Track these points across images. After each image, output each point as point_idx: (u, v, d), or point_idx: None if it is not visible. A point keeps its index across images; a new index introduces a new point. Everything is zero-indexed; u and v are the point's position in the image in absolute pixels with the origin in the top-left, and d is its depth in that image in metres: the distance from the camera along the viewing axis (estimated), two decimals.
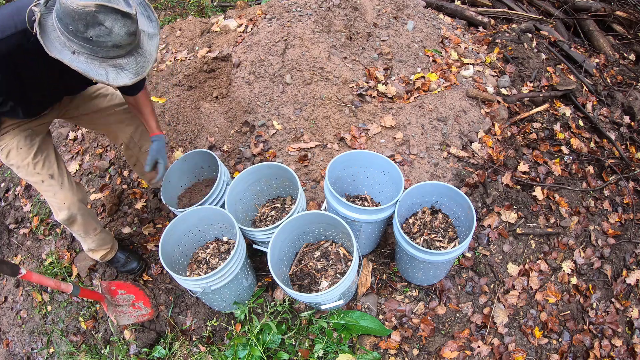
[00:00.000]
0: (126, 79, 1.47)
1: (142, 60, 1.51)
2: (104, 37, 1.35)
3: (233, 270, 1.95)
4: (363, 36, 3.26)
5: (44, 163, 1.93)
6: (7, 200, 3.24)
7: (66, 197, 1.97)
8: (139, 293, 2.38)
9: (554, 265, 2.43)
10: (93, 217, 2.20)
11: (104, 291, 2.26)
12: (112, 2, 1.31)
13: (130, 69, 1.47)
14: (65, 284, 2.01)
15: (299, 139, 2.79)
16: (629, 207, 2.76)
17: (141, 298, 2.37)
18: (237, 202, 2.24)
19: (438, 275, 2.27)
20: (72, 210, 2.01)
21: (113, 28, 1.34)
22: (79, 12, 1.28)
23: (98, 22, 1.31)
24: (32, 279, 1.89)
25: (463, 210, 2.12)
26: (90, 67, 1.40)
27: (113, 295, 2.30)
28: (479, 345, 2.17)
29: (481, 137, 2.94)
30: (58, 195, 1.96)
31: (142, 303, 2.36)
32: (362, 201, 2.46)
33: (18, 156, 1.87)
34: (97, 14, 1.29)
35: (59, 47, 1.38)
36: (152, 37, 1.56)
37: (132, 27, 1.38)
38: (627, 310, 2.33)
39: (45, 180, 1.92)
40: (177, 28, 3.82)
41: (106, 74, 1.43)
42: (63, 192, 1.96)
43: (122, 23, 1.35)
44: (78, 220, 2.07)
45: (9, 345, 2.63)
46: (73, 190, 2.00)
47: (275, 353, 2.09)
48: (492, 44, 3.72)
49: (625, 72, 3.78)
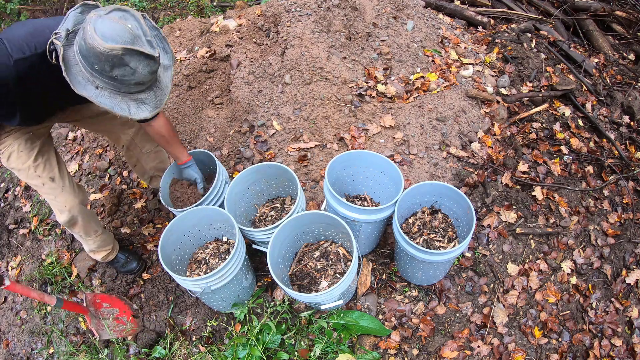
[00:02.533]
0: (146, 112, 1.54)
1: (160, 94, 1.58)
2: (129, 77, 1.41)
3: (232, 270, 1.95)
4: (362, 36, 3.26)
5: (45, 166, 1.92)
6: (6, 201, 3.24)
7: (67, 200, 1.97)
8: (124, 307, 2.38)
9: (553, 265, 2.43)
10: (94, 219, 2.20)
11: (88, 303, 2.25)
12: (137, 45, 1.37)
13: (150, 103, 1.55)
14: (49, 296, 1.99)
15: (299, 139, 2.79)
16: (628, 207, 2.76)
17: (125, 313, 2.36)
18: (236, 202, 2.24)
19: (438, 275, 2.27)
20: (73, 212, 2.01)
21: (137, 68, 1.40)
22: (106, 54, 1.33)
23: (124, 64, 1.37)
24: (16, 290, 1.87)
25: (463, 210, 2.12)
26: (113, 102, 1.47)
27: (97, 308, 2.29)
28: (479, 345, 2.17)
29: (481, 137, 2.94)
30: (59, 198, 1.96)
31: (126, 318, 2.35)
32: (362, 201, 2.46)
33: (19, 159, 1.86)
34: (123, 57, 1.35)
35: (83, 82, 1.43)
36: (168, 68, 1.63)
37: (155, 66, 1.46)
38: (627, 310, 2.33)
39: (46, 183, 1.92)
40: (177, 28, 3.82)
41: (128, 108, 1.50)
42: (64, 195, 1.96)
43: (145, 63, 1.41)
44: (79, 222, 2.08)
45: (8, 346, 2.63)
46: (74, 192, 2.00)
47: (275, 353, 2.09)
48: (492, 43, 3.72)
49: (625, 72, 3.78)
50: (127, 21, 1.39)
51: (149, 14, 4.74)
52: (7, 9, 4.70)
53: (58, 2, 5.16)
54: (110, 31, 1.34)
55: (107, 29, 1.34)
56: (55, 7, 5.13)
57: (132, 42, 1.36)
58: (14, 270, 2.84)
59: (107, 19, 1.35)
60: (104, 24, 1.34)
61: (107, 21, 1.35)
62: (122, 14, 1.41)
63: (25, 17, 5.00)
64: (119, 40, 1.34)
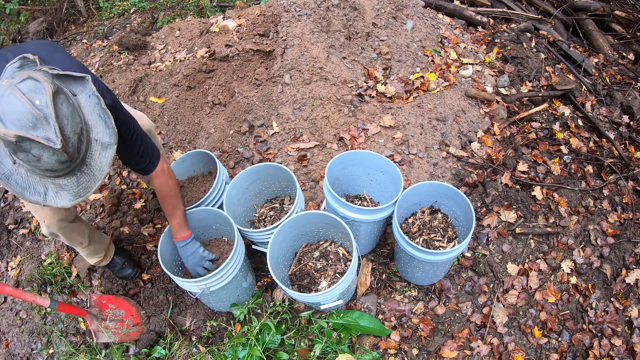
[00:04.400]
0: (65, 201, 1.33)
1: (85, 180, 1.35)
2: (34, 162, 1.23)
3: (232, 271, 1.95)
4: (362, 36, 3.26)
5: None
6: (6, 201, 3.24)
7: (45, 215, 1.92)
8: (131, 310, 2.35)
9: (553, 265, 2.43)
10: (79, 233, 2.12)
11: (92, 304, 2.23)
12: (35, 131, 1.16)
13: (70, 190, 1.34)
14: (42, 298, 1.94)
15: (298, 139, 2.79)
16: (628, 207, 2.76)
17: (132, 315, 2.34)
18: (235, 202, 2.24)
19: (437, 275, 2.27)
20: (51, 229, 1.97)
21: (41, 156, 1.20)
22: (3, 138, 1.17)
23: (23, 150, 1.19)
24: (6, 292, 1.84)
25: (462, 210, 2.12)
26: (29, 182, 1.29)
27: (102, 309, 2.26)
28: (479, 344, 2.17)
29: (480, 137, 2.94)
30: (38, 213, 1.92)
31: (132, 321, 2.32)
32: (362, 201, 2.46)
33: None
34: (19, 143, 1.17)
35: (2, 154, 1.26)
36: (107, 147, 1.37)
37: (63, 156, 1.23)
38: (627, 309, 2.33)
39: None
40: (176, 28, 3.82)
41: (45, 193, 1.31)
42: (43, 211, 1.91)
43: (50, 152, 1.20)
44: (60, 236, 2.04)
45: (8, 346, 2.63)
46: (54, 209, 1.91)
47: (274, 353, 2.09)
48: (491, 43, 3.72)
49: (624, 72, 3.78)
50: (35, 96, 1.17)
51: (148, 13, 4.74)
52: (6, 9, 4.70)
53: (58, 2, 5.16)
54: (10, 111, 1.15)
55: (8, 107, 1.15)
56: (54, 7, 5.12)
57: (33, 126, 1.16)
58: (14, 271, 2.84)
59: (13, 92, 1.16)
60: (7, 100, 1.16)
61: (11, 96, 1.16)
62: (34, 86, 1.18)
63: (25, 18, 5.00)
64: (17, 123, 1.15)
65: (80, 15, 5.27)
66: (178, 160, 2.38)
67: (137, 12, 4.89)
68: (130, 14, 4.94)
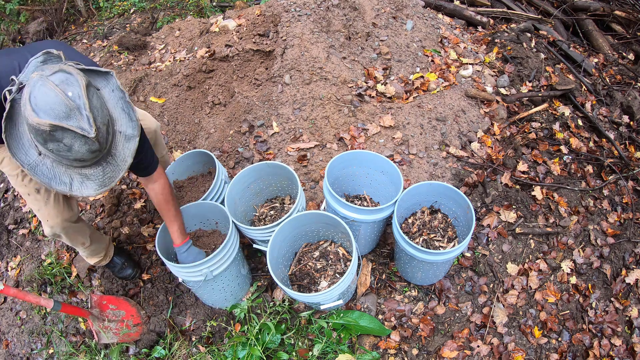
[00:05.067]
0: (91, 190, 1.37)
1: (110, 170, 1.39)
2: (64, 152, 1.26)
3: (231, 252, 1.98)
4: (362, 36, 3.26)
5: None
6: (6, 201, 3.24)
7: (49, 215, 1.93)
8: (131, 310, 2.35)
9: (553, 265, 2.43)
10: (81, 233, 2.14)
11: (93, 304, 2.23)
12: (71, 120, 1.20)
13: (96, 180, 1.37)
14: (46, 299, 1.95)
15: (298, 139, 2.79)
16: (628, 207, 2.76)
17: (132, 315, 2.33)
18: (236, 201, 2.24)
19: (437, 275, 2.27)
20: (54, 229, 1.97)
21: (73, 146, 1.24)
22: (36, 128, 1.20)
23: (56, 139, 1.22)
24: (10, 293, 1.84)
25: (462, 210, 2.12)
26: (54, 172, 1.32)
27: (103, 310, 2.26)
28: (479, 344, 2.17)
29: (480, 137, 2.94)
30: (42, 212, 1.93)
31: (132, 321, 2.32)
32: (361, 201, 2.46)
33: (9, 166, 1.84)
34: (53, 133, 1.20)
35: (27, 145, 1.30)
36: (130, 139, 1.42)
37: (94, 145, 1.27)
38: (627, 309, 2.33)
39: (31, 194, 1.88)
40: (176, 28, 3.82)
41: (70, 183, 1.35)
42: (47, 210, 1.92)
43: (82, 141, 1.24)
44: (62, 237, 2.05)
45: (8, 346, 2.63)
46: (58, 209, 1.94)
47: (274, 353, 2.09)
48: (491, 43, 3.72)
49: (624, 72, 3.78)
50: (67, 88, 1.21)
51: (148, 13, 4.74)
52: (6, 9, 4.69)
53: (58, 2, 5.16)
54: (43, 101, 1.18)
55: (41, 98, 1.18)
56: (54, 7, 5.12)
57: (66, 116, 1.19)
58: (14, 271, 2.84)
59: (45, 84, 1.19)
60: (39, 91, 1.18)
61: (44, 87, 1.19)
62: (65, 78, 1.22)
63: (25, 18, 5.00)
64: (51, 113, 1.17)
65: (80, 15, 5.27)
66: (178, 160, 2.38)
67: (137, 12, 4.89)
68: (130, 14, 4.94)
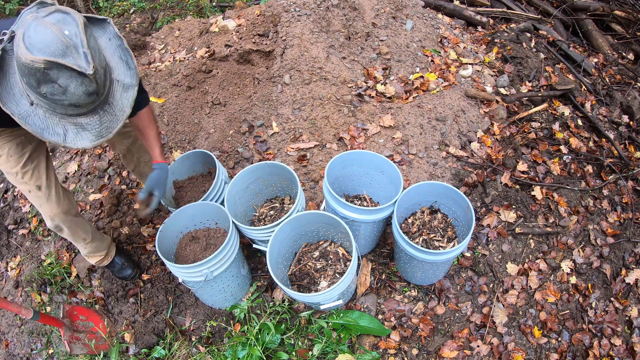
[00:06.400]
0: (86, 142, 1.31)
1: (108, 120, 1.32)
2: (59, 96, 1.19)
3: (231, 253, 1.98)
4: (362, 36, 3.26)
5: (33, 173, 1.88)
6: (6, 201, 3.24)
7: (51, 209, 1.94)
8: (100, 322, 2.36)
9: (553, 265, 2.43)
10: (82, 228, 2.15)
11: (64, 314, 2.25)
12: (67, 57, 1.14)
13: (93, 130, 1.30)
14: (26, 309, 1.99)
15: (298, 139, 2.79)
16: (628, 207, 2.76)
17: (101, 327, 2.34)
18: (236, 201, 2.24)
19: (437, 274, 2.27)
20: (56, 222, 1.98)
21: (68, 87, 1.17)
22: (29, 66, 1.13)
23: (50, 80, 1.15)
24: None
25: (462, 210, 2.12)
26: (47, 123, 1.25)
27: (73, 320, 2.28)
28: (479, 344, 2.17)
29: (480, 137, 2.94)
30: (44, 207, 1.94)
31: (101, 333, 2.33)
32: (361, 201, 2.46)
33: (7, 163, 1.84)
34: (47, 71, 1.13)
35: (18, 95, 1.23)
36: (128, 88, 1.36)
37: (91, 86, 1.21)
38: (627, 309, 2.33)
39: (32, 190, 1.89)
40: (176, 28, 3.82)
41: (64, 134, 1.28)
42: (49, 205, 1.93)
43: (78, 82, 1.17)
44: (65, 230, 2.06)
45: (8, 346, 2.63)
46: (59, 202, 1.96)
47: (274, 353, 2.09)
48: (491, 43, 3.72)
49: (624, 72, 3.79)
50: (64, 26, 1.16)
51: (148, 14, 4.74)
52: (6, 9, 4.69)
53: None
54: (39, 39, 1.12)
55: (36, 36, 1.13)
56: None
57: (62, 54, 1.13)
58: (14, 271, 2.83)
59: (41, 23, 1.14)
60: (35, 30, 1.14)
61: (40, 26, 1.14)
62: (62, 17, 1.18)
63: None
64: (46, 50, 1.12)
65: None
66: (178, 160, 2.38)
67: (137, 12, 4.89)
68: (130, 14, 4.94)
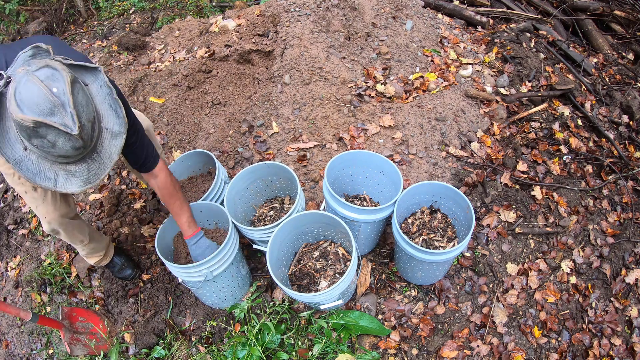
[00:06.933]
0: (75, 187, 1.36)
1: (95, 167, 1.38)
2: (48, 149, 1.25)
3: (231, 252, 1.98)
4: (362, 36, 3.26)
5: None
6: (5, 201, 3.24)
7: (47, 212, 1.94)
8: (99, 322, 2.35)
9: (553, 265, 2.43)
10: (79, 230, 2.15)
11: (64, 316, 2.25)
12: (55, 117, 1.19)
13: (81, 176, 1.37)
14: (25, 311, 1.99)
15: (298, 139, 2.79)
16: (627, 207, 2.76)
17: (101, 328, 2.34)
18: (236, 201, 2.24)
19: (437, 274, 2.27)
20: (52, 225, 1.98)
21: (56, 142, 1.23)
22: (19, 123, 1.19)
23: (39, 135, 1.21)
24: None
25: (462, 210, 2.12)
26: (40, 168, 1.32)
27: (72, 322, 2.28)
28: (478, 344, 2.17)
29: (480, 137, 2.94)
30: (39, 209, 1.94)
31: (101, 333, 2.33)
32: (361, 201, 2.46)
33: (5, 164, 1.84)
34: (37, 129, 1.19)
35: (13, 140, 1.29)
36: (117, 136, 1.41)
37: (78, 142, 1.26)
38: (626, 309, 2.33)
39: (28, 192, 1.89)
40: (176, 28, 3.82)
41: (55, 179, 1.34)
42: (44, 207, 1.93)
43: (65, 138, 1.23)
44: (61, 233, 2.06)
45: (8, 346, 2.62)
46: (55, 205, 1.95)
47: (274, 353, 2.09)
48: (491, 43, 3.72)
49: (624, 72, 3.79)
50: (52, 84, 1.20)
51: (148, 14, 4.74)
52: (6, 9, 4.69)
53: (57, 2, 5.15)
54: (28, 97, 1.17)
55: (25, 93, 1.17)
56: (54, 7, 5.12)
57: (50, 112, 1.18)
58: (14, 271, 2.83)
59: (31, 79, 1.18)
60: (24, 87, 1.18)
61: (29, 83, 1.18)
62: (51, 74, 1.21)
63: (24, 18, 4.99)
64: (35, 109, 1.17)
65: (80, 15, 5.27)
66: (178, 160, 2.38)
67: (137, 12, 4.89)
68: (130, 14, 4.94)
